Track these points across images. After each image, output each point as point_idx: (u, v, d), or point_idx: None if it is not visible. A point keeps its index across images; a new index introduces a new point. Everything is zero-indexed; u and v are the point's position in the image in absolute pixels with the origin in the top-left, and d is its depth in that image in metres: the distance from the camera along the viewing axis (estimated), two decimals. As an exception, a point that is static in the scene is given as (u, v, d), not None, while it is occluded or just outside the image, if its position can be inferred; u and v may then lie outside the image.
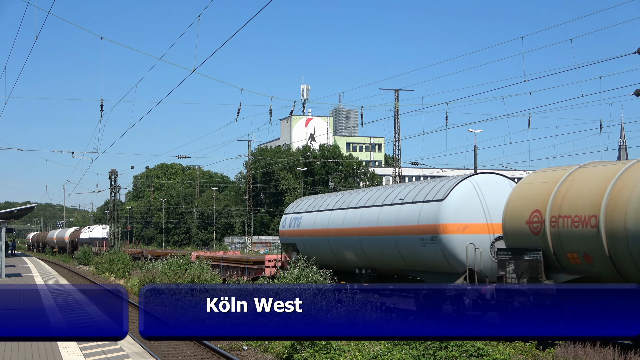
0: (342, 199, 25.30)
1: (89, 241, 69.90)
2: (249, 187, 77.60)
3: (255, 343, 16.24)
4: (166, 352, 15.93)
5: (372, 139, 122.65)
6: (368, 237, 21.90)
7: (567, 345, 12.72)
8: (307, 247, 26.00)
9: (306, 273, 20.62)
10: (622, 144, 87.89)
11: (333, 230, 24.21)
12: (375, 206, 22.25)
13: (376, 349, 12.61)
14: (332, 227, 24.36)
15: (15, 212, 38.22)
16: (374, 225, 21.63)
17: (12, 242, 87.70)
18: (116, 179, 58.27)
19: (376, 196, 22.69)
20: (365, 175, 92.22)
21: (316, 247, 25.37)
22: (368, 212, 22.39)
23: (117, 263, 45.09)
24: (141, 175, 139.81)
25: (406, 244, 19.84)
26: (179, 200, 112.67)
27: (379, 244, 21.26)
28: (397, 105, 57.42)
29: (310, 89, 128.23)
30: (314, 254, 24.93)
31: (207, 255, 39.53)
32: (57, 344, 14.05)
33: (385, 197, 22.01)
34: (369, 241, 21.91)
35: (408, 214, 20.01)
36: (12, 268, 47.91)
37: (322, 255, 24.82)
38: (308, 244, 26.07)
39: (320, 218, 25.54)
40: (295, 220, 27.56)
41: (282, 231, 28.79)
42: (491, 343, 13.04)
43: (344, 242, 23.38)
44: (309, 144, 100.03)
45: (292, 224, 27.79)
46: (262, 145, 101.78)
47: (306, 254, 25.43)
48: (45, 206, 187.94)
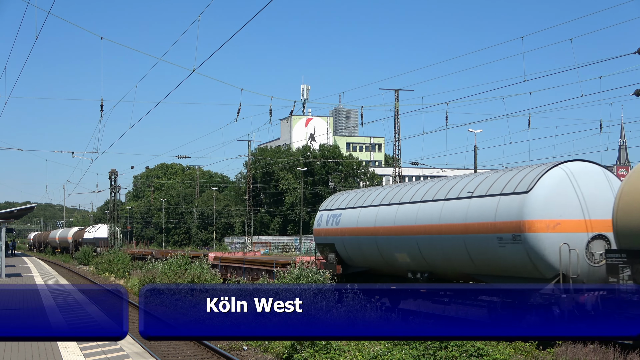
0: (391, 192, 22.54)
1: (93, 241, 68.07)
2: (249, 187, 77.61)
3: (255, 343, 16.24)
4: (166, 352, 15.94)
5: (372, 139, 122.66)
6: (427, 237, 19.42)
7: (567, 345, 12.72)
8: (349, 248, 23.56)
9: (306, 273, 20.56)
10: (622, 144, 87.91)
11: (381, 228, 21.56)
12: (436, 200, 19.55)
13: (376, 349, 12.61)
14: (380, 225, 21.69)
15: (15, 212, 38.22)
16: (436, 222, 19.04)
17: (12, 242, 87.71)
18: (116, 179, 58.31)
19: (436, 189, 20.09)
20: (365, 175, 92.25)
21: (359, 247, 22.86)
22: (427, 208, 19.76)
23: (117, 263, 45.10)
24: (141, 175, 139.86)
25: (478, 245, 17.35)
26: (179, 200, 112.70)
27: (442, 245, 18.75)
28: (397, 105, 57.42)
29: (310, 89, 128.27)
30: (356, 256, 23.03)
31: (227, 257, 37.66)
32: (57, 344, 14.06)
33: (448, 190, 19.40)
34: (428, 241, 19.38)
35: (480, 209, 17.52)
36: (12, 268, 47.91)
37: (367, 257, 22.55)
38: (349, 245, 23.49)
39: (365, 215, 22.86)
40: (333, 218, 24.90)
41: (318, 230, 25.86)
42: (491, 343, 13.05)
43: (395, 242, 20.76)
44: (309, 144, 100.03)
45: (329, 221, 25.07)
46: (262, 145, 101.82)
47: (346, 255, 23.56)
48: (45, 206, 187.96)
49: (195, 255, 40.60)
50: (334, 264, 23.92)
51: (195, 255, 40.68)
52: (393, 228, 20.93)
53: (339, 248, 23.97)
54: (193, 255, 40.00)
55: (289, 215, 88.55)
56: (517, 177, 17.08)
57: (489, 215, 17.14)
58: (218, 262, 36.81)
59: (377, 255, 21.91)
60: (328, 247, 24.68)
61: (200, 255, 39.65)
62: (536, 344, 14.00)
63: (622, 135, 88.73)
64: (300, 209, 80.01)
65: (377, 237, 21.66)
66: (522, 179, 16.73)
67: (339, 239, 24.06)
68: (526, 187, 16.38)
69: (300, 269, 21.72)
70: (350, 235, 23.35)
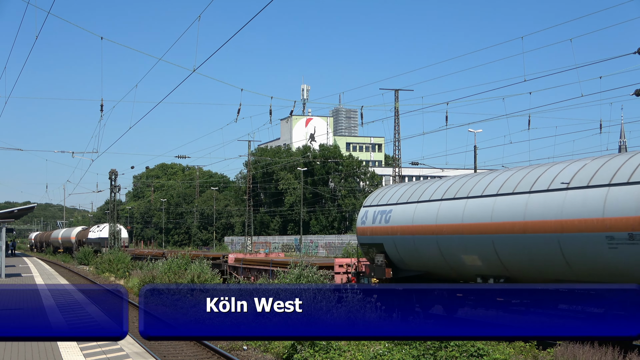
0: (456, 185, 19.69)
1: (98, 241, 65.38)
2: (249, 187, 77.63)
3: (255, 343, 16.24)
4: (166, 352, 15.94)
5: (372, 139, 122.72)
6: (507, 236, 16.82)
7: (567, 345, 12.72)
8: (401, 249, 20.93)
9: (306, 273, 20.47)
10: (622, 144, 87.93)
11: (445, 226, 18.98)
12: (518, 193, 16.89)
13: (376, 349, 12.61)
14: (443, 222, 19.11)
15: (15, 212, 38.23)
16: (519, 219, 16.43)
17: (12, 242, 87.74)
18: (116, 179, 58.30)
19: (515, 180, 17.43)
20: (365, 175, 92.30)
21: (415, 248, 20.29)
22: (506, 202, 17.07)
23: (117, 263, 45.11)
24: (141, 175, 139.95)
25: (578, 245, 14.88)
26: (179, 200, 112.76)
27: (527, 245, 16.21)
28: (397, 105, 57.45)
29: (310, 89, 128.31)
30: (410, 258, 20.62)
31: (250, 258, 33.81)
32: (57, 344, 14.06)
33: (533, 181, 16.76)
34: (507, 241, 16.77)
35: (582, 203, 14.95)
36: (12, 268, 47.92)
37: (424, 259, 20.06)
38: (402, 245, 20.83)
39: (423, 211, 20.20)
40: (381, 215, 22.11)
41: (362, 229, 23.21)
42: (491, 343, 13.05)
43: (463, 242, 18.18)
44: (309, 144, 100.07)
45: (376, 219, 22.29)
46: (262, 145, 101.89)
47: (398, 257, 21.10)
48: (45, 206, 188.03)
49: (214, 256, 37.65)
50: (382, 267, 21.46)
51: (214, 256, 37.67)
52: (460, 226, 18.27)
53: (388, 249, 21.43)
54: (213, 256, 37.37)
55: (289, 215, 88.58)
56: (630, 164, 14.54)
57: (595, 210, 14.61)
58: (239, 264, 33.70)
59: (437, 258, 19.38)
60: (375, 248, 22.12)
61: (219, 257, 36.90)
62: (536, 344, 14.00)
63: (622, 135, 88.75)
64: (300, 209, 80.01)
65: (440, 236, 19.14)
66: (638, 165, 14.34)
67: (388, 238, 21.42)
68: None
69: (300, 268, 21.60)
70: (403, 235, 20.80)
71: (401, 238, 20.80)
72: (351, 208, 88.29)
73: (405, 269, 21.15)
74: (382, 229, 21.82)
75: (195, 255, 38.94)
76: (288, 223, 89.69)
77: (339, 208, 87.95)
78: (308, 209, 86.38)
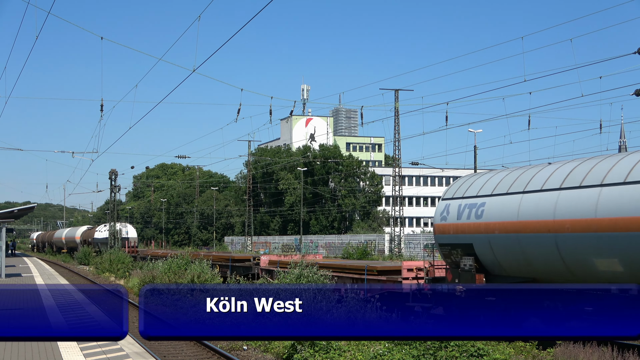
0: (581, 169, 15.93)
1: (105, 241, 62.28)
2: (249, 187, 77.64)
3: (255, 343, 16.23)
4: (166, 352, 15.94)
5: (372, 139, 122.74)
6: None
7: (567, 345, 12.72)
8: (499, 250, 17.50)
9: (306, 273, 20.31)
10: (622, 144, 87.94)
11: (568, 222, 15.43)
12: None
13: (376, 349, 12.61)
14: (564, 217, 15.56)
15: (15, 212, 38.22)
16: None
17: (12, 242, 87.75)
18: (116, 179, 58.31)
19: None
20: (365, 175, 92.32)
21: (522, 249, 16.84)
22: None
23: (117, 263, 45.09)
24: (141, 175, 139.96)
25: None
26: (179, 200, 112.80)
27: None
28: (397, 105, 57.45)
29: (310, 89, 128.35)
30: (512, 261, 17.26)
31: (289, 261, 27.90)
32: (57, 344, 14.06)
33: None
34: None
35: None
36: (12, 268, 47.92)
37: (534, 262, 16.61)
38: (501, 245, 17.42)
39: (533, 203, 16.60)
40: (469, 209, 18.67)
41: (442, 226, 19.70)
42: (491, 343, 13.05)
43: (597, 242, 14.70)
44: (309, 144, 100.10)
45: (463, 213, 18.90)
46: (262, 145, 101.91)
47: (493, 260, 17.76)
48: (45, 206, 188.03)
49: (241, 258, 33.98)
50: (471, 273, 18.18)
51: (241, 258, 33.95)
52: (594, 222, 14.78)
53: (480, 250, 18.06)
54: (238, 258, 34.03)
55: (289, 215, 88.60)
56: None
57: None
58: (275, 267, 28.65)
59: (554, 261, 16.02)
60: (460, 250, 18.76)
61: (248, 259, 33.17)
62: (536, 344, 14.00)
63: (622, 135, 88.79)
64: (300, 209, 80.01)
65: (560, 234, 15.69)
66: None
67: (481, 237, 18.01)
68: None
69: (300, 268, 21.40)
70: (503, 233, 17.32)
71: (500, 237, 17.38)
72: (351, 208, 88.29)
73: (503, 275, 17.72)
74: (471, 226, 18.41)
75: (219, 258, 35.83)
76: (288, 223, 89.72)
77: (339, 208, 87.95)
78: (308, 209, 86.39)
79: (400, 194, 60.61)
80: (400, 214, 59.95)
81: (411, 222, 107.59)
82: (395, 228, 60.81)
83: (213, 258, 36.27)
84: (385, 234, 65.04)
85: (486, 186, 18.68)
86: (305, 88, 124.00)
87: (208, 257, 36.79)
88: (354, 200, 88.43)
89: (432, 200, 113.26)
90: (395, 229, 60.21)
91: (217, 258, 36.36)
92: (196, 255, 38.01)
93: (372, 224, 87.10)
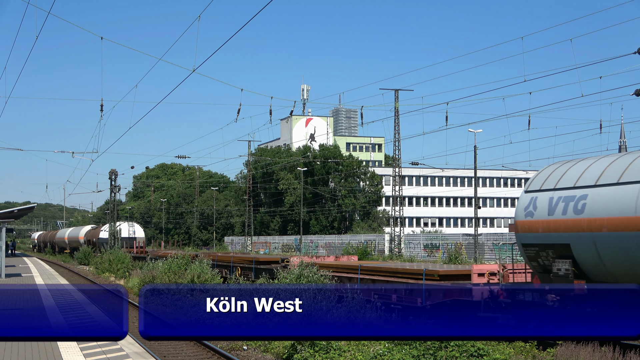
0: None
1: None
2: (249, 187, 77.64)
3: (255, 343, 16.23)
4: (166, 352, 15.94)
5: (372, 139, 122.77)
6: None
7: (568, 346, 12.72)
8: (607, 252, 14.93)
9: (306, 273, 20.20)
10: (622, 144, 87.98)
11: None
12: None
13: (376, 349, 12.61)
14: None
15: (15, 212, 38.22)
16: None
17: (12, 242, 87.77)
18: (116, 179, 58.31)
19: None
20: (365, 175, 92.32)
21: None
22: None
23: (117, 263, 45.08)
24: (141, 175, 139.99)
25: None
26: (179, 200, 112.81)
27: None
28: (397, 105, 57.45)
29: (310, 89, 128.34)
30: (628, 265, 14.65)
31: (329, 263, 24.39)
32: (57, 344, 14.06)
33: None
34: None
35: None
36: (12, 268, 47.93)
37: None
38: (611, 246, 14.81)
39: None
40: (566, 202, 15.95)
41: (527, 223, 17.03)
42: (491, 343, 13.05)
43: None
44: (309, 144, 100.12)
45: (556, 208, 16.19)
46: (262, 145, 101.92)
47: (598, 264, 15.20)
48: (45, 206, 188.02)
49: (267, 260, 30.06)
50: (568, 279, 15.83)
51: (268, 260, 30.04)
52: None
53: (579, 251, 15.54)
54: (265, 260, 30.07)
55: (289, 215, 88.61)
56: None
57: None
58: None
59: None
60: (551, 251, 16.20)
61: (276, 261, 28.96)
62: (536, 344, 14.00)
63: (622, 135, 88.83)
64: (300, 209, 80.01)
65: None
66: None
67: (582, 237, 15.45)
68: None
69: (300, 268, 21.23)
70: (614, 231, 14.69)
71: (609, 236, 14.81)
72: (351, 208, 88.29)
73: (609, 281, 15.33)
74: (568, 222, 15.78)
75: (241, 259, 32.25)
76: (288, 223, 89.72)
77: (339, 208, 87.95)
78: (308, 209, 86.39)
79: (400, 194, 60.62)
80: (400, 214, 59.96)
81: (411, 222, 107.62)
82: (395, 228, 60.83)
83: (234, 260, 32.97)
84: (385, 234, 65.07)
85: (587, 175, 15.91)
86: (305, 88, 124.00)
87: (226, 259, 33.96)
88: (354, 200, 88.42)
89: (432, 200, 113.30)
90: (395, 229, 60.23)
91: (239, 260, 32.61)
92: (212, 256, 35.39)
93: (372, 224, 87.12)
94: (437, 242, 59.22)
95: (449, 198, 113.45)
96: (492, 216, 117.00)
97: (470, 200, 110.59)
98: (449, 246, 53.07)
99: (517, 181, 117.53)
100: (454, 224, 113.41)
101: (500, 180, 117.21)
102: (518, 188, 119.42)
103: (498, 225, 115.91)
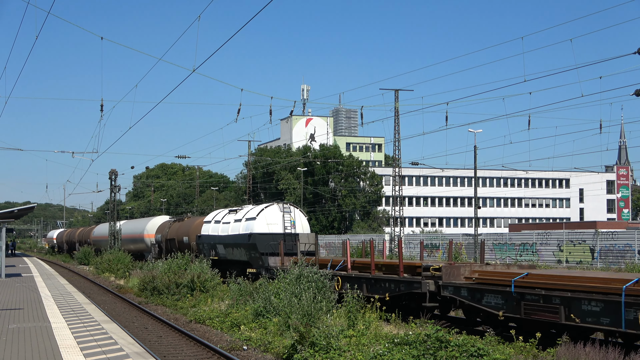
0: None
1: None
2: (249, 187, 77.63)
3: (255, 343, 16.24)
4: (166, 352, 15.93)
5: (372, 139, 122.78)
6: None
7: (568, 345, 12.70)
8: None
9: (306, 273, 19.99)
10: (622, 144, 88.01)
11: None
12: None
13: (376, 349, 12.60)
14: None
15: (15, 212, 38.21)
16: None
17: (12, 242, 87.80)
18: (116, 179, 58.29)
19: None
20: (366, 175, 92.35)
21: None
22: None
23: (117, 263, 45.05)
24: (141, 175, 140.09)
25: None
26: (179, 200, 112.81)
27: None
28: (397, 105, 57.45)
29: (310, 89, 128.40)
30: None
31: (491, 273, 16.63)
32: (57, 344, 14.07)
33: None
34: None
35: None
36: (12, 268, 47.94)
37: None
38: None
39: None
40: None
41: None
42: (491, 343, 13.03)
43: None
44: (309, 144, 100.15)
45: None
46: (262, 145, 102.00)
47: None
48: (45, 206, 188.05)
49: (408, 264, 19.56)
50: None
51: (409, 265, 19.57)
52: None
53: None
54: (387, 264, 20.52)
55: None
56: None
57: None
58: (471, 283, 16.79)
59: None
60: None
61: (418, 266, 18.87)
62: (536, 343, 13.97)
63: (622, 135, 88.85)
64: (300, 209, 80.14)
65: None
66: None
67: None
68: None
69: (300, 268, 20.90)
70: None
71: None
72: (351, 208, 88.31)
73: None
74: None
75: (361, 263, 21.18)
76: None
77: (339, 208, 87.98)
78: (308, 209, 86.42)
79: (400, 194, 60.61)
80: (400, 214, 59.95)
81: (411, 222, 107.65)
82: (395, 228, 60.84)
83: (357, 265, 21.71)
84: (385, 234, 65.08)
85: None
86: (305, 88, 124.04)
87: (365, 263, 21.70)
88: (354, 200, 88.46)
89: (432, 200, 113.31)
90: (395, 229, 60.23)
91: (359, 263, 21.61)
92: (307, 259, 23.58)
93: (372, 224, 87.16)
94: (437, 242, 59.24)
95: (448, 198, 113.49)
96: (492, 216, 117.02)
97: (470, 200, 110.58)
98: (447, 244, 52.86)
99: (517, 181, 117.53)
100: (453, 224, 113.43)
101: (500, 180, 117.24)
102: (518, 188, 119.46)
103: (498, 225, 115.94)
